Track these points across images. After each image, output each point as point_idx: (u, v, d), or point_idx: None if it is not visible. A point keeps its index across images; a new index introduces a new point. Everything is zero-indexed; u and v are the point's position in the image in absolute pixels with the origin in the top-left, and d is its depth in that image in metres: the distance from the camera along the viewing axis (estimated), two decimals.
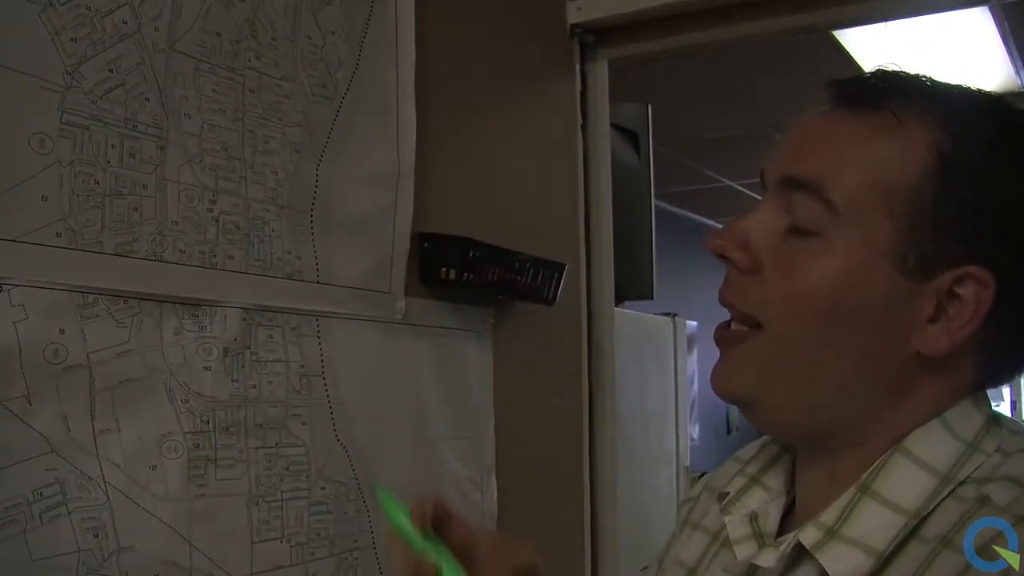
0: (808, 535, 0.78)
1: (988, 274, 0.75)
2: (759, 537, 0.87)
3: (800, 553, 0.79)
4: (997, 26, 3.42)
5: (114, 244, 1.09)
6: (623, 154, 2.59)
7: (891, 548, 0.74)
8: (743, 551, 0.86)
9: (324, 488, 1.35)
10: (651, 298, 2.81)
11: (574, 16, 2.06)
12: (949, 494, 0.75)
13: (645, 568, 1.10)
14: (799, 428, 0.85)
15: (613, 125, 2.27)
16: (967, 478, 0.75)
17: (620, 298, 2.42)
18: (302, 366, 1.33)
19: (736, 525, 0.89)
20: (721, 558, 0.92)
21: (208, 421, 1.19)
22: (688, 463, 3.52)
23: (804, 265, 0.79)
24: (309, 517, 1.32)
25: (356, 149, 1.43)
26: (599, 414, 2.07)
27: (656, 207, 2.85)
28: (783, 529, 0.88)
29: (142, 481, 1.11)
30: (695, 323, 3.76)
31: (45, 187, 1.03)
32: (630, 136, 2.71)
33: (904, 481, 0.76)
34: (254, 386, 1.26)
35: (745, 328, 0.84)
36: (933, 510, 0.75)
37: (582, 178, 2.10)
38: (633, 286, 2.68)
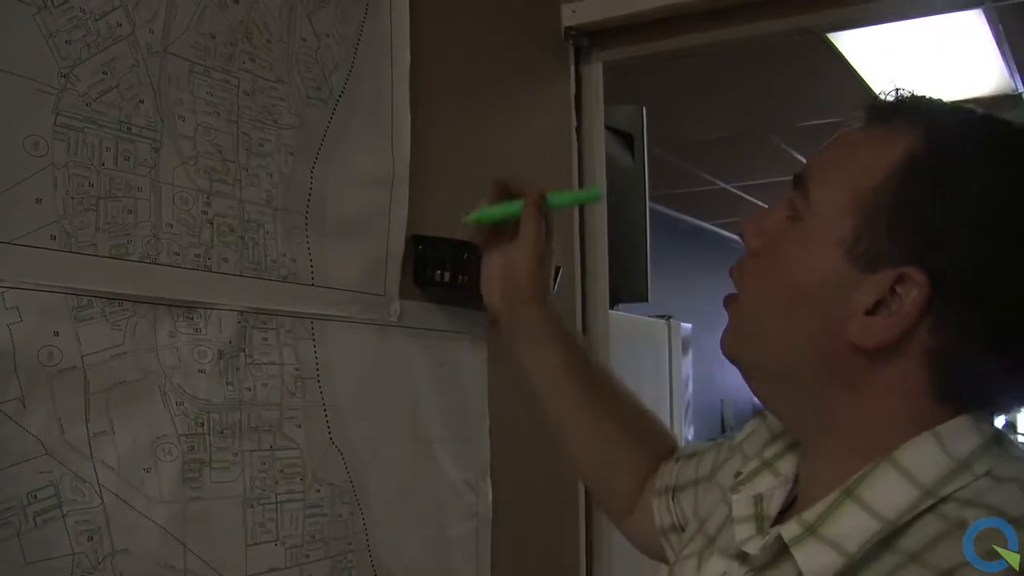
0: (789, 530, 0.83)
1: (924, 277, 0.78)
2: (759, 519, 0.93)
3: (785, 546, 0.83)
4: (992, 29, 3.43)
5: (108, 246, 1.09)
6: (618, 156, 2.60)
7: (862, 552, 0.78)
8: (742, 531, 0.92)
9: (319, 491, 1.35)
10: (646, 300, 2.81)
11: (569, 19, 2.06)
12: (929, 509, 0.77)
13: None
14: (768, 398, 0.94)
15: (608, 127, 2.27)
16: (950, 496, 0.78)
17: (615, 300, 2.42)
18: (297, 368, 1.33)
19: (741, 504, 0.95)
20: (727, 531, 0.97)
21: (203, 424, 1.19)
22: None
23: (780, 246, 0.89)
24: (304, 520, 1.32)
25: (351, 151, 1.43)
26: None
27: (651, 209, 2.85)
28: (782, 517, 0.93)
29: (136, 483, 1.11)
30: (690, 325, 3.76)
31: (39, 189, 1.03)
32: (625, 138, 2.71)
33: (886, 489, 0.79)
34: (249, 389, 1.26)
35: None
36: (912, 523, 0.77)
37: (577, 180, 2.10)
38: (628, 288, 2.69)
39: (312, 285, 1.36)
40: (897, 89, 0.88)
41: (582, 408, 1.32)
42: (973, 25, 3.38)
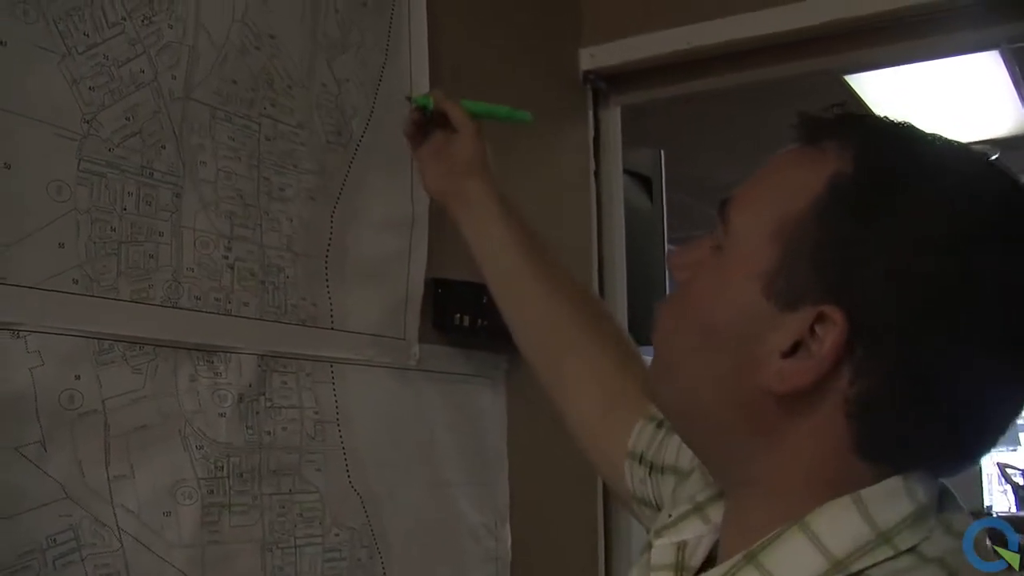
0: None
1: (841, 316, 0.69)
2: (679, 569, 0.84)
3: None
4: (1008, 70, 3.43)
5: (130, 291, 1.10)
6: (636, 199, 2.59)
7: None
8: None
9: (338, 535, 1.34)
10: None
11: (587, 63, 2.08)
12: None
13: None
14: (689, 441, 0.87)
15: (626, 170, 2.27)
16: (862, 572, 0.68)
17: None
18: (316, 412, 1.33)
19: (661, 552, 0.86)
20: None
21: (222, 467, 1.19)
22: None
23: (697, 278, 0.81)
24: (323, 564, 1.32)
25: (370, 196, 1.44)
26: None
27: (669, 252, 2.85)
28: (705, 566, 0.84)
29: (156, 527, 1.11)
30: None
31: (62, 234, 1.03)
32: (643, 181, 2.71)
33: (791, 557, 0.71)
34: (268, 432, 1.26)
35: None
36: None
37: (595, 223, 2.10)
38: (646, 331, 2.67)
39: (332, 329, 1.36)
40: (835, 104, 0.79)
41: (531, 284, 1.25)
42: (989, 66, 3.39)
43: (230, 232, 1.22)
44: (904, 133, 0.75)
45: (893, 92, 3.61)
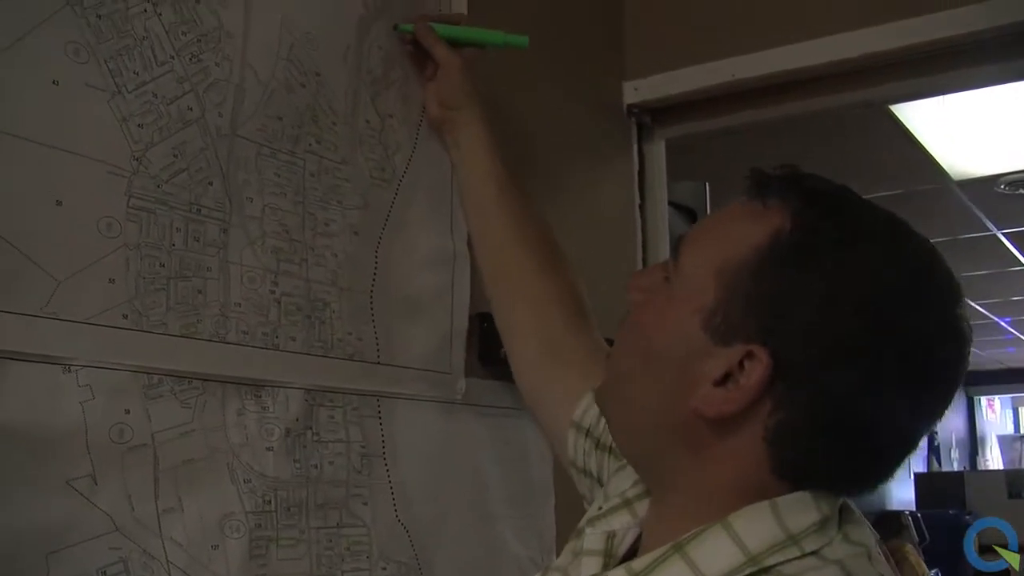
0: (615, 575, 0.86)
1: (767, 357, 0.79)
2: (607, 555, 0.95)
3: None
4: None
5: (179, 326, 1.11)
6: (681, 232, 2.59)
7: None
8: (588, 566, 0.94)
9: (385, 569, 1.34)
10: None
11: (631, 96, 2.08)
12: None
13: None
14: (623, 448, 0.98)
15: (671, 203, 2.27)
16: (772, 567, 0.79)
17: None
18: (363, 446, 1.33)
19: (593, 539, 0.96)
20: (576, 561, 0.99)
21: (270, 501, 1.20)
22: None
23: (647, 305, 0.91)
24: None
25: (414, 231, 1.44)
26: None
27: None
28: (628, 555, 0.95)
29: (204, 561, 1.11)
30: None
31: (112, 270, 1.05)
32: (688, 214, 2.71)
33: (714, 550, 0.81)
34: (315, 466, 1.26)
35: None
36: None
37: (640, 256, 2.10)
38: None
39: (378, 363, 1.37)
40: (783, 165, 0.88)
41: (497, 220, 1.40)
42: None
43: (276, 267, 1.23)
44: (839, 199, 0.85)
45: (939, 121, 3.59)
